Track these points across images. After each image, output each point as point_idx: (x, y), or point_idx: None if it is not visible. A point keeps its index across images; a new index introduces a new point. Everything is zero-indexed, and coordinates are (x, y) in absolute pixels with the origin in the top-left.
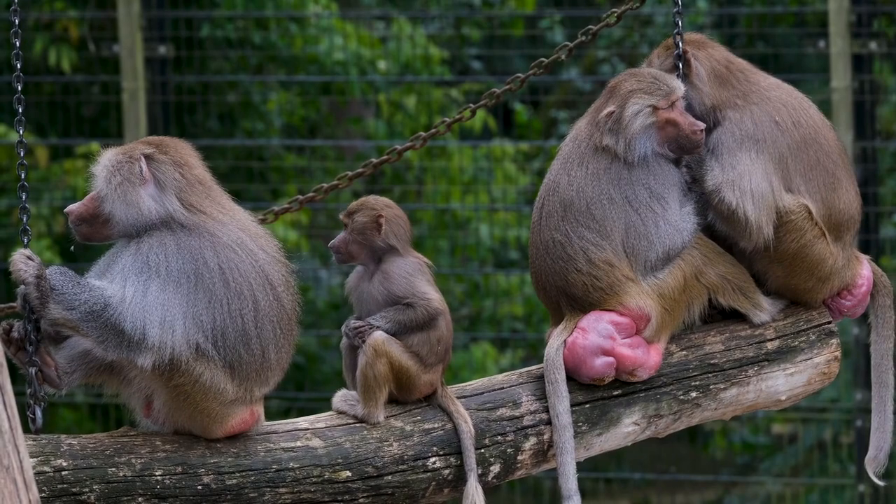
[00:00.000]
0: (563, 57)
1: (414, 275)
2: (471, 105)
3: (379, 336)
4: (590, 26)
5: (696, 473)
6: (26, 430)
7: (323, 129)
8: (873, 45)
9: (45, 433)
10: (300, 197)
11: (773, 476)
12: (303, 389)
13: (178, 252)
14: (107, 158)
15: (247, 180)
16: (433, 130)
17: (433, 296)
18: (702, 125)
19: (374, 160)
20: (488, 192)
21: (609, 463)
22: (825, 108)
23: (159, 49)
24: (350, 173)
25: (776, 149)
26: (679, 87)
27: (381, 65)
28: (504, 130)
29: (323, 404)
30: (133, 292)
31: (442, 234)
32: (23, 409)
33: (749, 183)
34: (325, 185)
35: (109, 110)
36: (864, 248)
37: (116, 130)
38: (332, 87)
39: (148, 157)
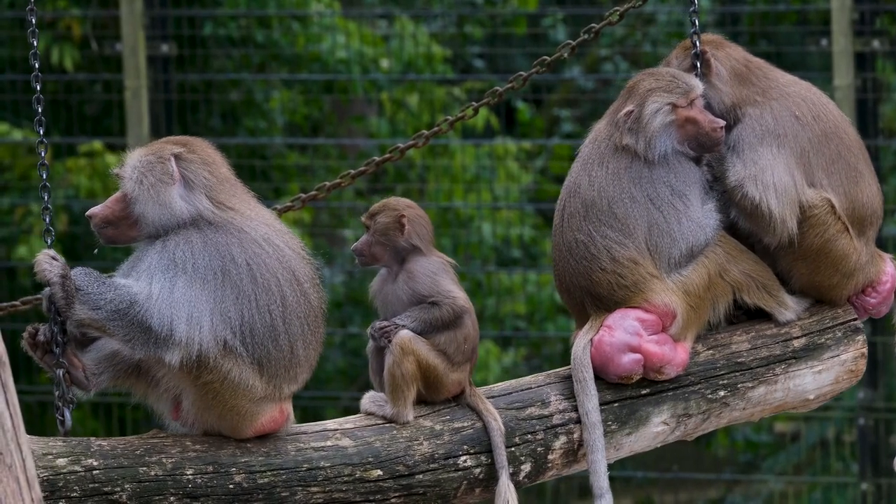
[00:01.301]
0: (565, 55)
1: (438, 273)
2: (473, 103)
3: (405, 335)
4: (592, 24)
5: (699, 472)
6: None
7: (325, 128)
8: (876, 44)
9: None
10: (302, 195)
11: (776, 474)
12: (305, 388)
13: (205, 249)
14: (135, 159)
15: (249, 179)
16: (435, 129)
17: (458, 294)
18: (721, 122)
19: (377, 158)
20: (491, 191)
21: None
22: None
23: (162, 47)
24: (352, 172)
25: (797, 143)
26: (698, 85)
27: (384, 63)
28: (506, 129)
29: (326, 403)
30: (159, 289)
31: (444, 232)
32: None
33: (772, 177)
34: (328, 183)
35: (112, 109)
36: None
37: (119, 129)
38: (334, 86)
39: (177, 157)
